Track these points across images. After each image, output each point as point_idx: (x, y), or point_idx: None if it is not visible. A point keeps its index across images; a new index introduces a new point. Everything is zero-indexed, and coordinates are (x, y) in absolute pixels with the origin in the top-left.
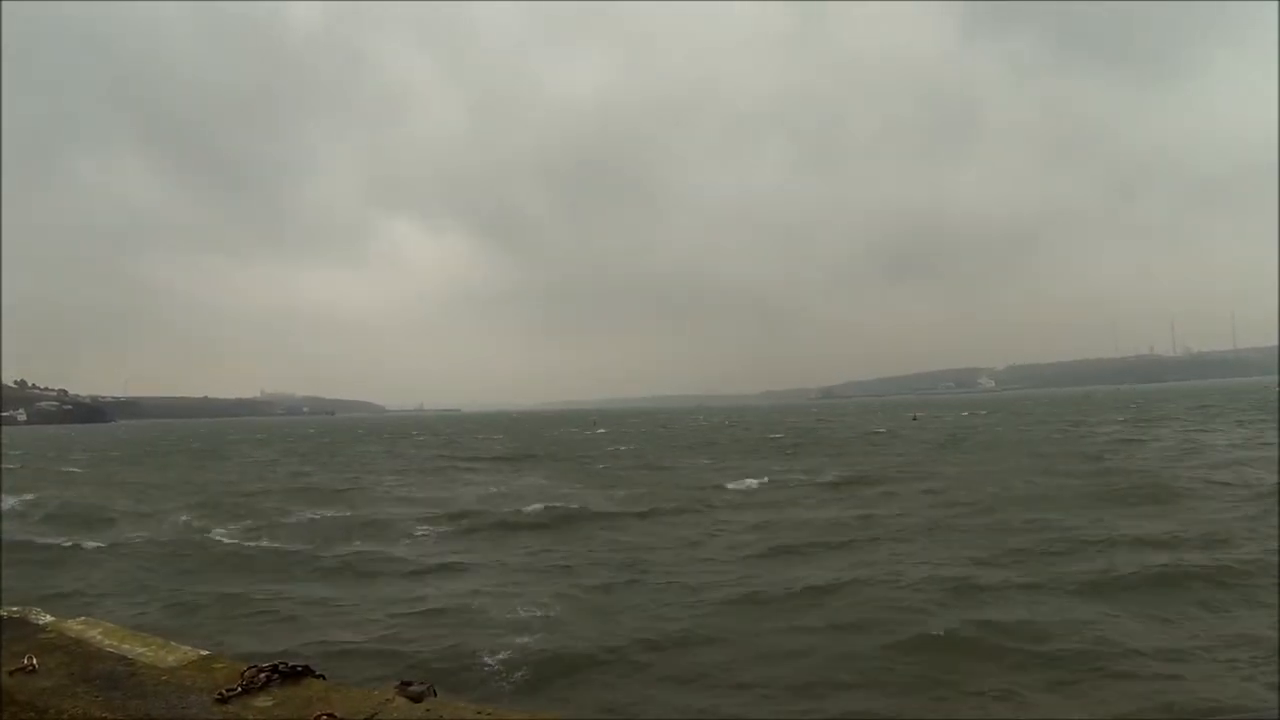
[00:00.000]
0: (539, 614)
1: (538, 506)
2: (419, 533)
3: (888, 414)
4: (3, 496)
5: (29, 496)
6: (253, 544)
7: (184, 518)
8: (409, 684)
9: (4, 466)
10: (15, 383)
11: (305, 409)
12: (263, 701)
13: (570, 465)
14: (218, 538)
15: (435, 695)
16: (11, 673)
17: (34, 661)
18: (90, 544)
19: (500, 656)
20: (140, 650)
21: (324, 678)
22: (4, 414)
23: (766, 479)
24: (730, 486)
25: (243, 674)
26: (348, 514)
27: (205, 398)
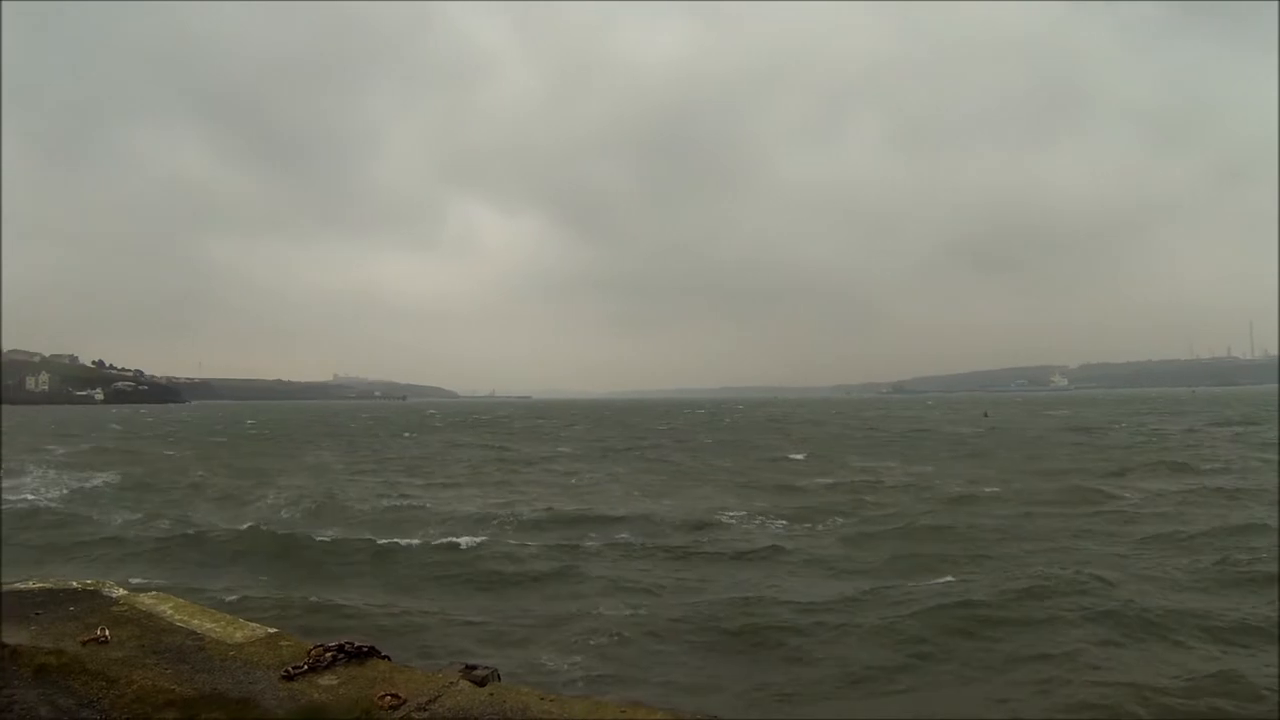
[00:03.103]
0: None
1: None
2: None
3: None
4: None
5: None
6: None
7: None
8: (473, 667)
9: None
10: (94, 363)
11: (378, 393)
12: (328, 680)
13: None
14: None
15: (499, 680)
16: (84, 643)
17: (106, 633)
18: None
19: None
20: (209, 626)
21: (389, 659)
22: (81, 393)
23: None
24: None
25: (309, 652)
26: None
27: (278, 380)
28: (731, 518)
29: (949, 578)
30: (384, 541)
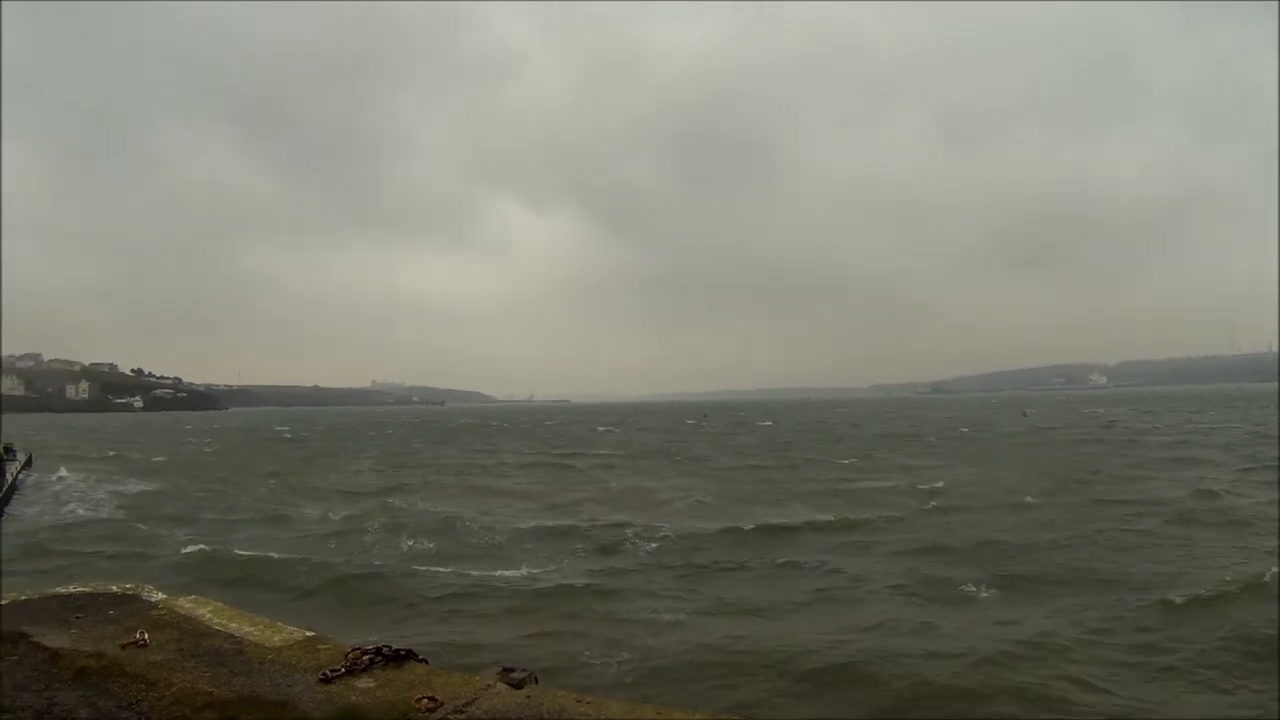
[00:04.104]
0: None
1: None
2: None
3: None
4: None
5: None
6: None
7: None
8: (510, 670)
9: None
10: (133, 371)
11: (415, 399)
12: (365, 683)
13: None
14: None
15: (536, 682)
16: (124, 646)
17: (145, 636)
18: None
19: None
20: (248, 629)
21: (426, 662)
22: (120, 400)
23: None
24: None
25: (347, 655)
26: None
27: (316, 386)
28: (776, 526)
29: (1023, 598)
30: (422, 561)
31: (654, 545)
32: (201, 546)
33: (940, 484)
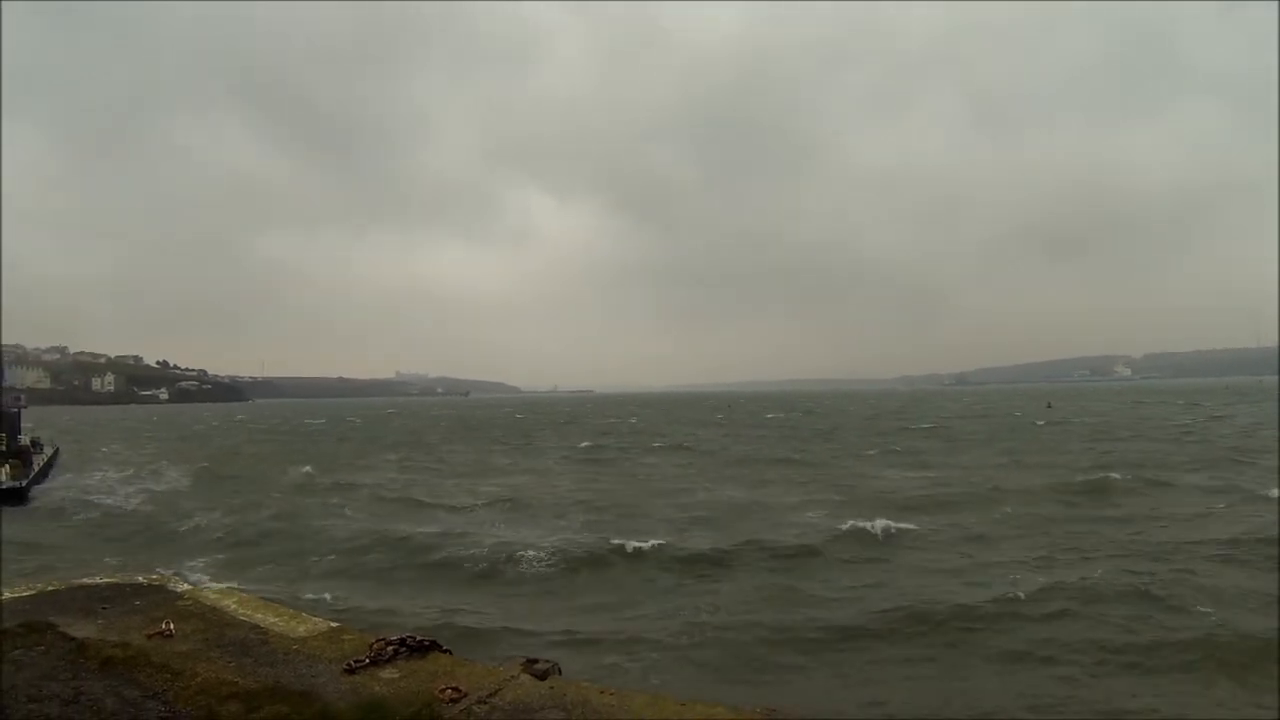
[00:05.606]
0: None
1: None
2: None
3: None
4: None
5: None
6: None
7: None
8: (534, 661)
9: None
10: (158, 363)
11: (440, 389)
12: (389, 674)
13: None
14: None
15: (560, 674)
16: (149, 636)
17: (171, 626)
18: None
19: None
20: (273, 620)
21: (450, 653)
22: (146, 393)
23: None
24: None
25: (371, 646)
26: None
27: (340, 378)
28: (802, 521)
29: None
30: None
31: (684, 553)
32: (223, 553)
33: (978, 480)
